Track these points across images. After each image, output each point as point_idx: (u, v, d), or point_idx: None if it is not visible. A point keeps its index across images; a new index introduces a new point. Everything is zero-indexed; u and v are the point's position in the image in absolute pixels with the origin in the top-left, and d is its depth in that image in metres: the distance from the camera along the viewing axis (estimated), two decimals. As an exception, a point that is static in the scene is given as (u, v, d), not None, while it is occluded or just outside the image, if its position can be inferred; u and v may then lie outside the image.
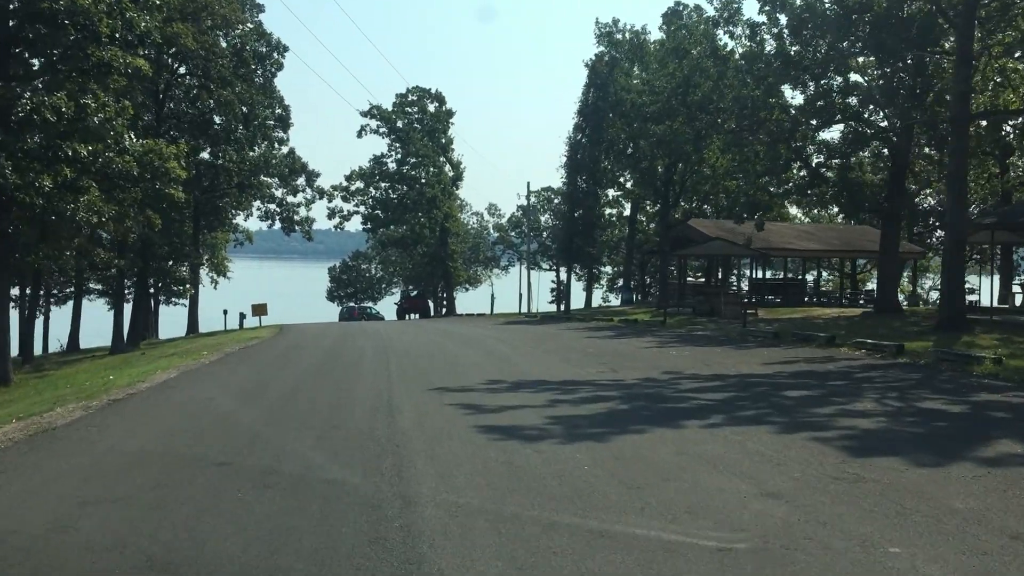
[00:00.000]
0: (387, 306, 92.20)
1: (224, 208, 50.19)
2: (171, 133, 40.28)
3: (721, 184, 49.70)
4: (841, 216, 64.64)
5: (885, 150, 34.15)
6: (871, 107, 31.70)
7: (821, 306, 45.42)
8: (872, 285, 65.38)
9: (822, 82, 30.44)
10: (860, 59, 31.40)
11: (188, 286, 47.86)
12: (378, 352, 22.05)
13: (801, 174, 34.94)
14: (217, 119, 41.48)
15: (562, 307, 78.89)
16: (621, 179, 51.63)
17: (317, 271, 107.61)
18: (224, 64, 38.07)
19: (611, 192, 55.04)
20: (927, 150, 34.92)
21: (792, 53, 29.62)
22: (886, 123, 32.31)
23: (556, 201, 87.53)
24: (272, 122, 48.24)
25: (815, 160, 33.29)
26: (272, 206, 52.12)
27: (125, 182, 25.57)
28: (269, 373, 17.26)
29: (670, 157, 44.22)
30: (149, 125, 38.10)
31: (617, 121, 46.05)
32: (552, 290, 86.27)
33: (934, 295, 57.51)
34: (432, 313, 68.13)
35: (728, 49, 35.56)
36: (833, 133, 37.77)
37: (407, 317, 65.31)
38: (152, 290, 56.39)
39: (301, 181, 52.52)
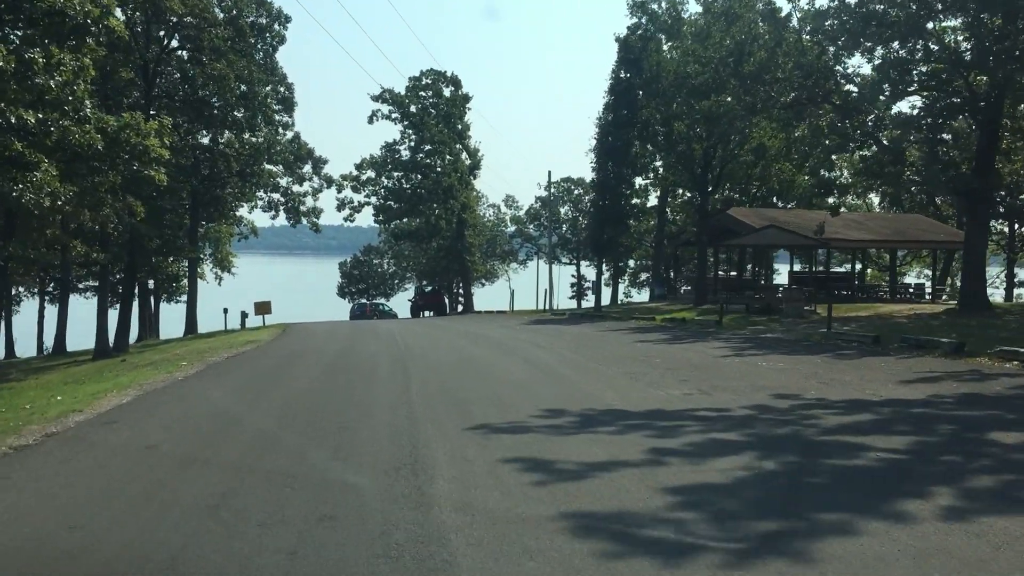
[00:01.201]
0: (400, 303, 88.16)
1: (224, 199, 46.21)
2: (162, 114, 36.33)
3: (772, 167, 45.40)
4: (879, 203, 60.34)
5: (970, 124, 29.82)
6: (958, 72, 27.34)
7: (880, 302, 41.19)
8: (910, 279, 61.08)
9: (908, 43, 26.12)
10: (948, 18, 27.10)
11: (184, 282, 43.88)
12: (394, 362, 18.01)
13: (867, 151, 30.65)
14: (213, 99, 37.35)
15: (581, 304, 74.91)
16: (654, 164, 47.36)
17: (328, 267, 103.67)
18: (218, 34, 33.98)
19: (639, 180, 50.82)
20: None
21: (875, 8, 25.33)
22: (969, 93, 28.05)
23: (577, 192, 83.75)
24: (274, 103, 44.20)
25: (892, 134, 28.97)
26: (276, 196, 48.08)
27: (93, 161, 21.58)
28: (249, 398, 13.21)
29: (717, 136, 39.94)
30: (137, 104, 34.10)
31: (651, 101, 41.81)
32: (572, 285, 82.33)
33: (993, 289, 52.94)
34: (448, 310, 64.09)
35: (785, 13, 31.28)
36: (902, 106, 33.52)
37: (421, 315, 61.33)
38: (152, 287, 52.75)
39: (307, 169, 48.53)
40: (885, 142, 29.69)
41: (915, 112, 29.97)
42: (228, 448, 9.11)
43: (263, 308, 46.35)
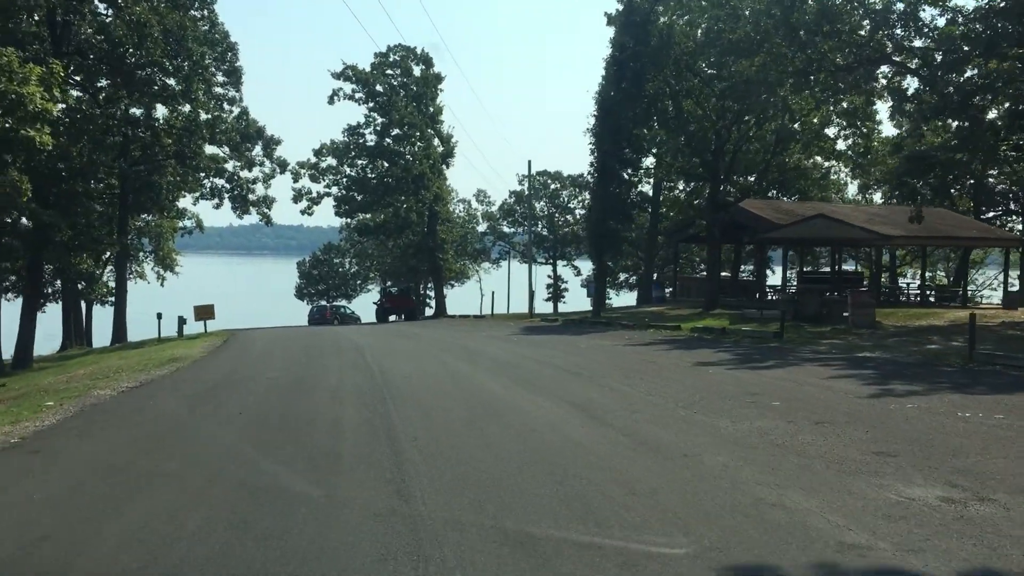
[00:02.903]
0: (363, 305, 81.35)
1: (159, 185, 39.31)
2: (73, 78, 29.53)
3: (816, 146, 39.41)
4: (894, 196, 54.86)
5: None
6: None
7: (920, 306, 35.65)
8: (903, 280, 55.77)
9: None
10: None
11: (105, 283, 37.08)
12: (367, 401, 11.75)
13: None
14: (136, 54, 30.43)
15: (558, 307, 68.66)
16: (657, 149, 41.24)
17: (288, 268, 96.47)
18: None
19: (647, 162, 44.44)
20: None
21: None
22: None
23: (554, 187, 77.57)
24: (216, 71, 37.44)
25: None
26: (220, 181, 41.22)
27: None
28: (114, 492, 6.86)
29: (734, 115, 34.09)
30: (40, 60, 27.29)
31: (660, 72, 35.76)
32: (548, 286, 76.13)
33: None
34: (418, 314, 57.54)
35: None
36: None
37: (389, 319, 54.83)
38: (80, 288, 45.58)
39: (257, 151, 41.74)
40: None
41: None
42: None
43: (204, 313, 39.66)
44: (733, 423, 9.76)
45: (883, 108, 35.07)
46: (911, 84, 24.69)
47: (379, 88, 53.11)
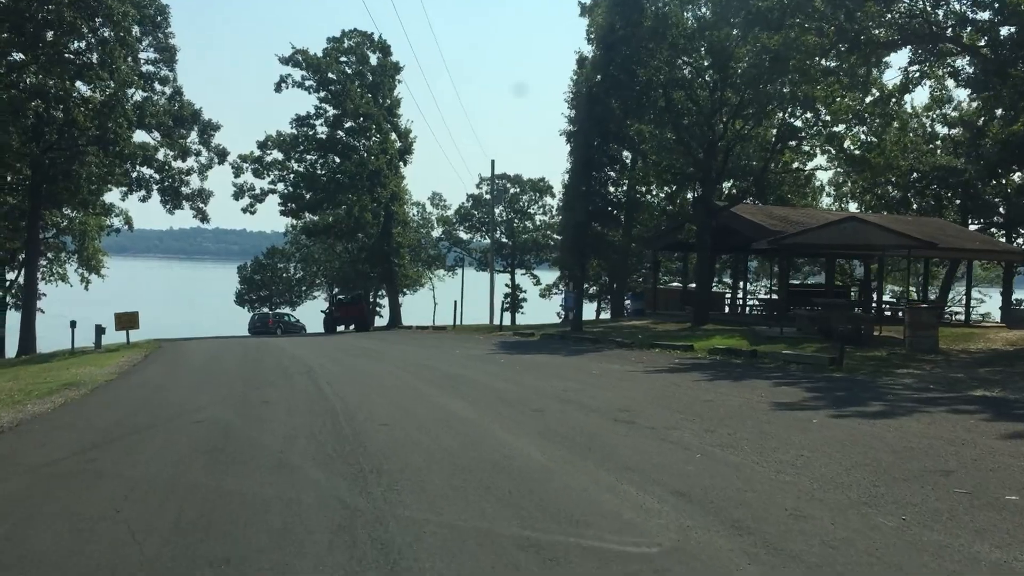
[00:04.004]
0: (309, 313, 75.97)
1: (77, 174, 33.98)
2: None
3: (821, 143, 35.48)
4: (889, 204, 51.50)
5: None
6: None
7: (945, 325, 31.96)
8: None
9: None
10: None
11: (4, 285, 31.78)
12: (335, 484, 7.19)
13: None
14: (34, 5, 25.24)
15: (515, 319, 63.65)
16: (642, 146, 37.02)
17: (229, 273, 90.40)
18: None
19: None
20: None
21: None
22: None
23: (514, 191, 73.16)
24: (143, 41, 32.34)
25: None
26: (147, 171, 35.96)
27: None
28: None
29: (756, 100, 30.05)
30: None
31: (654, 55, 31.66)
32: (506, 296, 71.47)
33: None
34: (370, 324, 52.56)
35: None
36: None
37: (338, 329, 49.88)
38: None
39: (193, 138, 36.60)
40: None
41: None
42: None
43: (127, 321, 34.45)
44: (1001, 551, 5.46)
45: (920, 95, 31.28)
46: (966, 66, 20.77)
47: (332, 76, 48.23)
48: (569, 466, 7.97)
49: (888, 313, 32.86)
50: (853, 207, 53.31)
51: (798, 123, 33.42)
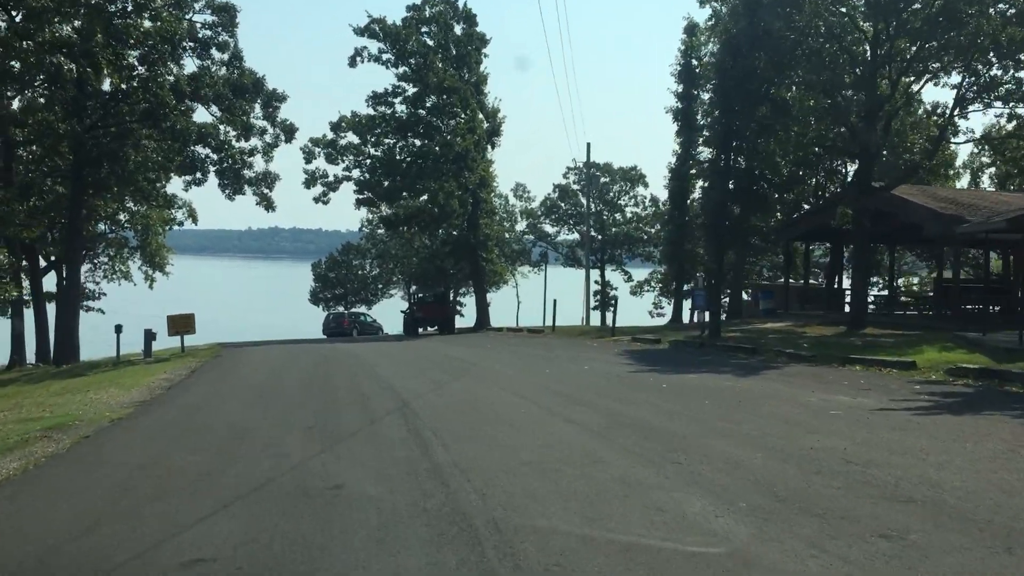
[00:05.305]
0: (385, 312, 71.13)
1: (124, 156, 29.19)
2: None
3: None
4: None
5: None
6: None
7: None
8: None
9: None
10: None
11: (10, 289, 27.13)
12: None
13: None
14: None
15: (606, 319, 56.00)
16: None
17: (305, 271, 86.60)
18: None
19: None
20: None
21: None
22: None
23: (604, 180, 67.06)
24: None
25: None
26: (203, 150, 30.97)
27: None
28: None
29: (947, 46, 23.63)
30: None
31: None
32: (596, 294, 65.03)
33: None
34: (454, 326, 47.00)
35: None
36: None
37: (419, 331, 44.61)
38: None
39: (256, 112, 31.50)
40: None
41: None
42: None
43: (181, 324, 29.63)
44: None
45: None
46: None
47: (411, 46, 42.84)
48: None
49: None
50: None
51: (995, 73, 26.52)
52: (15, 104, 34.00)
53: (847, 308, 39.63)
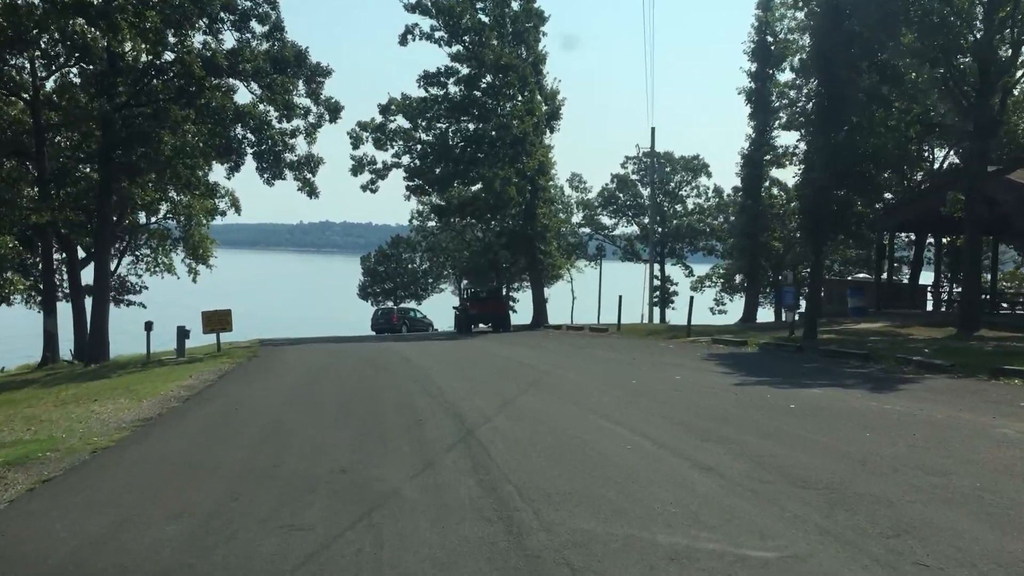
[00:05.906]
0: (435, 308, 68.62)
1: (156, 137, 26.78)
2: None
3: None
4: None
5: None
6: None
7: None
8: None
9: None
10: None
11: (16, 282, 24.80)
12: None
13: None
14: None
15: (664, 315, 51.51)
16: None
17: (355, 265, 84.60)
18: None
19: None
20: None
21: None
22: None
23: (668, 169, 63.62)
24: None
25: None
26: (240, 131, 28.40)
27: None
28: None
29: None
30: None
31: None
32: (656, 289, 61.36)
33: None
34: (509, 323, 44.09)
35: None
36: None
37: (472, 328, 41.86)
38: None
39: (300, 89, 28.80)
40: None
41: None
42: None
43: (216, 321, 27.15)
44: None
45: None
46: None
47: (466, 23, 39.95)
48: None
49: None
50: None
51: None
52: (49, 84, 32.03)
53: (928, 306, 36.11)
